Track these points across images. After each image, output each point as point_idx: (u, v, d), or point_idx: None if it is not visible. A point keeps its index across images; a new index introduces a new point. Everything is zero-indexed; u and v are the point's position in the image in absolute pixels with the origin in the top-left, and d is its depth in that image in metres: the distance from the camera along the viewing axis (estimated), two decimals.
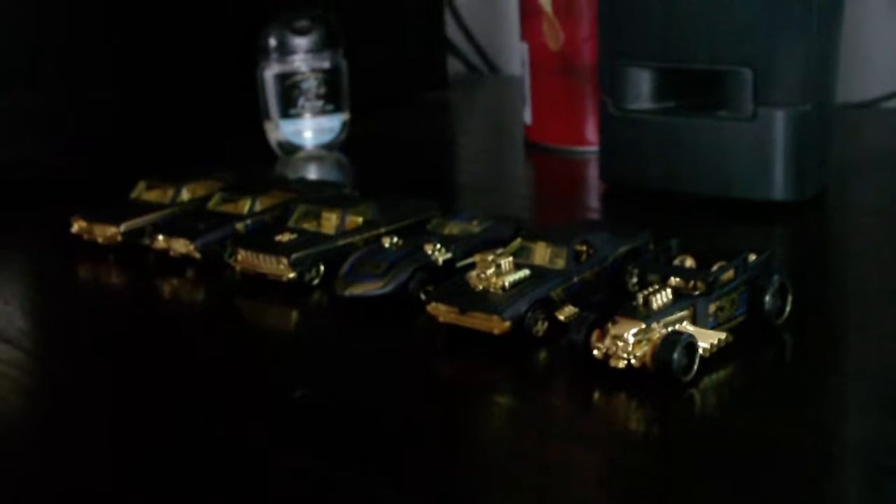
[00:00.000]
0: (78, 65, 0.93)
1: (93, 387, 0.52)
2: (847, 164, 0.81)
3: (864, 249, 0.65)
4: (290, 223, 0.64)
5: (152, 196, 0.72)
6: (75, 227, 0.71)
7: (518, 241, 0.56)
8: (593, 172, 0.83)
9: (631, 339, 0.47)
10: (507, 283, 0.52)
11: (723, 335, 0.49)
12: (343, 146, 0.94)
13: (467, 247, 0.60)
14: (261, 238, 0.63)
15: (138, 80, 0.97)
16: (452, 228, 0.62)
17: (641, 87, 0.75)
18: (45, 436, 0.47)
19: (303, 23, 0.90)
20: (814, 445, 0.42)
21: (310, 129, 0.92)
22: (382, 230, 0.64)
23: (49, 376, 0.54)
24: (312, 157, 0.93)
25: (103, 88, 0.95)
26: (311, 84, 0.91)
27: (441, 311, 0.53)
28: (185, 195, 0.71)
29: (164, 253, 0.66)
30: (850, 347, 0.53)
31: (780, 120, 0.70)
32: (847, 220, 0.72)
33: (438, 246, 0.59)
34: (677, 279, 0.51)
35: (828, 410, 0.46)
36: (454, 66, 1.33)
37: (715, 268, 0.52)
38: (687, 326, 0.49)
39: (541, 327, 0.52)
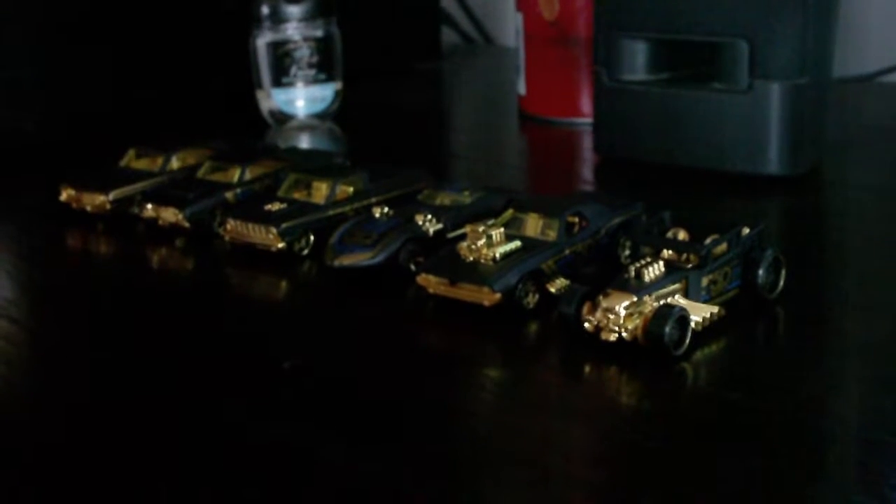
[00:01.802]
0: (69, 35, 0.92)
1: (80, 356, 0.51)
2: (843, 139, 0.80)
3: (859, 224, 0.65)
4: (280, 192, 0.64)
5: (142, 164, 0.71)
6: (64, 196, 0.70)
7: (510, 213, 0.55)
8: (587, 144, 0.82)
9: (622, 312, 0.47)
10: (497, 255, 0.52)
11: (715, 309, 0.49)
12: (335, 115, 0.93)
13: (458, 217, 0.60)
14: (250, 207, 0.63)
15: (129, 48, 0.96)
16: (444, 199, 0.62)
17: (636, 59, 0.75)
18: (32, 405, 0.47)
19: None
20: (805, 420, 0.42)
21: (302, 99, 0.91)
22: (373, 200, 0.63)
23: (36, 346, 0.53)
24: (304, 127, 0.92)
25: (93, 58, 0.94)
26: (303, 53, 0.90)
27: (431, 283, 0.53)
28: (175, 163, 0.71)
29: (153, 222, 0.66)
30: (843, 322, 0.52)
31: (775, 93, 0.69)
32: (842, 194, 0.72)
33: (429, 216, 0.59)
34: (670, 252, 0.51)
35: (820, 385, 0.45)
36: (448, 35, 1.32)
37: (708, 241, 0.51)
38: (679, 300, 0.49)
39: (532, 299, 0.52)
